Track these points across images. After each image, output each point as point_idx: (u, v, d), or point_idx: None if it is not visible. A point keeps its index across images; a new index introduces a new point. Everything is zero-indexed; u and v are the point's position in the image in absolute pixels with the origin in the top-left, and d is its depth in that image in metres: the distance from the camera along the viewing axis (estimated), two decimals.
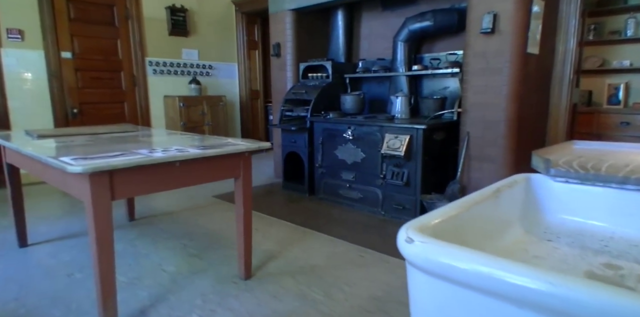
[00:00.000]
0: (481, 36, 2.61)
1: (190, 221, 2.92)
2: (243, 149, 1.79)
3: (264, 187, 4.00)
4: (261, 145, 1.85)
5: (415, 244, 0.67)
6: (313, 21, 4.01)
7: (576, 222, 1.17)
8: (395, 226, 2.91)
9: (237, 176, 1.88)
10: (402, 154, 2.78)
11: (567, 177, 1.17)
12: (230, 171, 1.84)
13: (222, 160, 1.76)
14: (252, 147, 1.81)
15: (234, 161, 1.83)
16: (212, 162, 1.73)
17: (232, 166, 1.83)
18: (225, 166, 1.80)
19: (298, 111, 3.67)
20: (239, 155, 1.82)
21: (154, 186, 1.58)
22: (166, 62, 4.73)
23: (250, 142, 1.91)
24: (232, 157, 1.80)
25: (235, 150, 1.75)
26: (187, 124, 4.60)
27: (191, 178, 1.69)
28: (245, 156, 1.86)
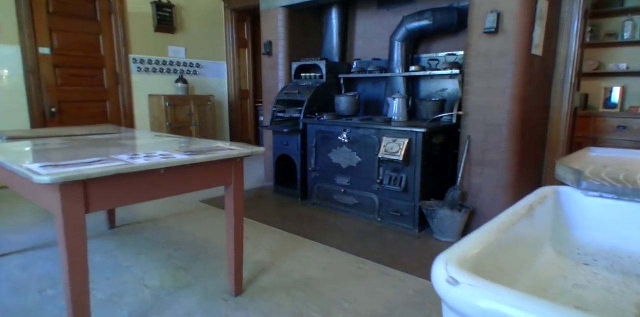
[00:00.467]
0: (484, 36, 2.50)
1: (176, 228, 2.74)
2: (235, 155, 1.63)
3: (254, 191, 3.84)
4: (255, 151, 1.69)
5: (462, 288, 0.53)
6: (306, 19, 3.86)
7: (612, 242, 1.04)
8: (393, 233, 2.82)
9: (228, 184, 1.72)
10: (400, 158, 2.65)
11: (601, 192, 1.05)
12: (221, 179, 1.68)
13: (211, 167, 1.60)
14: (244, 153, 1.66)
15: (225, 168, 1.67)
16: (200, 169, 1.56)
17: (223, 172, 1.67)
18: (215, 172, 1.64)
19: (290, 112, 3.51)
20: (230, 161, 1.67)
21: (136, 196, 1.41)
22: (151, 60, 4.52)
23: (243, 147, 1.75)
24: (223, 163, 1.64)
25: (226, 156, 1.59)
26: (173, 125, 4.40)
27: (177, 187, 1.53)
28: (237, 162, 1.71)
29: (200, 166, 1.54)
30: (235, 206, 1.75)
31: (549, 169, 3.06)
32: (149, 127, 4.56)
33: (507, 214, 0.86)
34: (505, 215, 0.86)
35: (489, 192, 2.62)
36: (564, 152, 3.00)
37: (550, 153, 3.04)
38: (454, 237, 2.59)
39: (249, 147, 1.77)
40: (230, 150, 1.65)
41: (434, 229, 2.65)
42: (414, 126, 2.67)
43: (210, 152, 1.60)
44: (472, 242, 0.69)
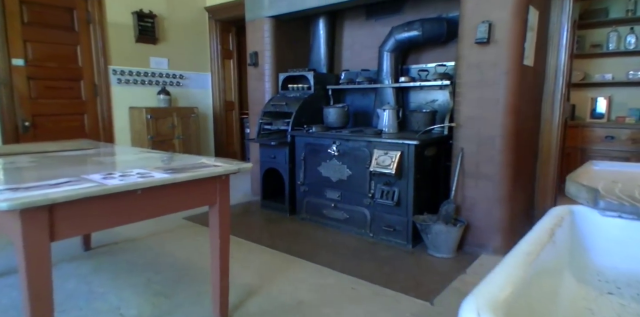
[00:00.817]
0: (475, 46, 2.46)
1: (156, 248, 2.58)
2: (220, 172, 1.51)
3: (240, 206, 3.69)
4: (241, 167, 1.58)
5: None
6: (293, 30, 3.80)
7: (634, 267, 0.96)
8: (386, 250, 2.70)
9: (213, 203, 1.60)
10: (392, 171, 2.57)
11: (620, 211, 0.97)
12: (204, 198, 1.56)
13: (194, 185, 1.48)
14: (230, 170, 1.54)
15: (209, 186, 1.55)
16: (182, 188, 1.44)
17: (207, 191, 1.55)
18: (198, 191, 1.52)
19: (278, 124, 3.41)
20: (214, 179, 1.54)
21: (110, 220, 1.28)
22: (132, 71, 4.37)
23: (228, 163, 1.63)
24: (207, 181, 1.52)
25: (210, 173, 1.47)
26: (155, 138, 4.24)
27: (157, 208, 1.39)
28: (222, 180, 1.59)
29: (182, 185, 1.42)
30: (220, 227, 1.62)
31: (541, 181, 3.01)
32: (130, 141, 4.38)
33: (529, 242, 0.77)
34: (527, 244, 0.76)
35: (484, 206, 2.55)
36: (555, 163, 2.97)
37: (542, 164, 3.00)
38: (449, 252, 2.50)
39: (234, 162, 1.66)
40: (215, 167, 1.53)
41: (428, 245, 2.55)
42: (406, 138, 2.60)
43: (193, 169, 1.48)
44: (501, 280, 0.59)
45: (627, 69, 3.79)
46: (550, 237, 0.81)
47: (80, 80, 4.07)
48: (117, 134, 4.30)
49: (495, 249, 2.53)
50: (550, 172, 2.98)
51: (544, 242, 0.77)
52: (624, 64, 3.83)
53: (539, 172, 3.02)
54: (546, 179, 3.00)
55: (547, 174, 2.99)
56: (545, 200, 3.01)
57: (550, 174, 2.98)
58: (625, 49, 3.75)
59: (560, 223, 0.93)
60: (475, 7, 2.43)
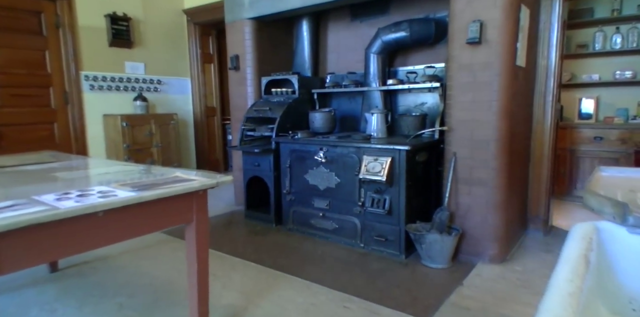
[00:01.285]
0: (467, 47, 2.35)
1: (131, 267, 2.38)
2: (196, 188, 1.35)
3: (223, 216, 3.51)
4: (220, 181, 1.41)
5: None
6: (275, 32, 3.65)
7: None
8: (378, 261, 2.55)
9: (189, 221, 1.43)
10: (383, 179, 2.43)
11: None
12: (179, 216, 1.39)
13: (166, 203, 1.31)
14: (207, 184, 1.38)
15: (184, 203, 1.38)
16: (152, 208, 1.27)
17: (181, 209, 1.38)
18: (171, 210, 1.35)
19: (261, 130, 3.25)
20: (190, 195, 1.38)
21: (65, 249, 1.10)
22: (106, 77, 4.15)
23: (206, 176, 1.47)
24: (181, 198, 1.35)
25: (184, 190, 1.31)
26: (131, 147, 4.02)
27: (123, 231, 1.22)
28: (199, 195, 1.42)
29: (152, 204, 1.25)
30: (198, 248, 1.45)
31: (534, 185, 2.93)
32: (104, 150, 4.15)
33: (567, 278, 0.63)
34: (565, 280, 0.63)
35: (478, 213, 2.43)
36: (548, 166, 2.89)
37: (535, 167, 2.92)
38: (444, 262, 2.38)
39: (213, 175, 1.50)
40: (190, 182, 1.36)
41: (422, 255, 2.43)
42: (396, 143, 2.47)
43: (164, 185, 1.31)
44: None
45: (613, 69, 3.76)
46: (587, 267, 0.68)
47: (50, 87, 3.83)
48: (91, 143, 4.07)
49: (491, 258, 2.42)
50: (543, 175, 2.90)
51: (582, 274, 0.64)
52: (611, 64, 3.80)
53: (532, 175, 2.94)
54: (539, 182, 2.91)
55: (540, 178, 2.90)
56: (539, 204, 2.93)
57: (543, 178, 2.90)
58: (611, 48, 3.73)
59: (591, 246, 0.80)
60: (465, 6, 2.33)
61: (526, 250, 2.63)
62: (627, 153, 3.51)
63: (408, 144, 2.43)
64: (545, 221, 2.93)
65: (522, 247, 2.68)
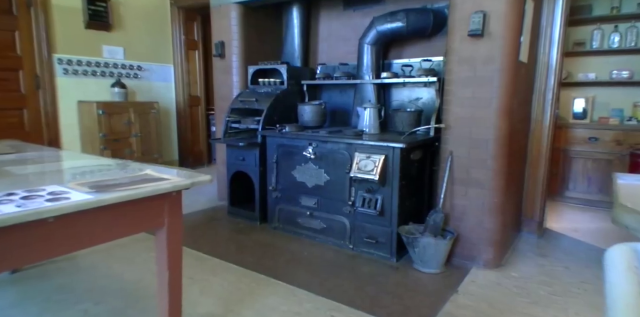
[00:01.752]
0: (468, 39, 2.21)
1: (101, 268, 2.20)
2: (167, 189, 1.17)
3: (204, 212, 3.33)
4: (196, 181, 1.24)
5: None
6: (263, 18, 3.45)
7: None
8: (368, 264, 2.37)
9: (159, 226, 1.26)
10: (376, 178, 2.29)
11: None
12: (148, 221, 1.22)
13: (133, 206, 1.13)
14: (180, 185, 1.20)
15: (154, 206, 1.21)
16: (115, 212, 1.09)
17: (150, 212, 1.21)
18: (139, 214, 1.17)
19: (247, 123, 3.06)
20: (161, 197, 1.20)
21: (6, 261, 0.92)
22: (81, 61, 3.89)
23: (181, 175, 1.30)
24: (150, 200, 1.18)
25: (153, 191, 1.13)
26: (108, 136, 3.78)
27: (77, 240, 1.05)
28: (173, 196, 1.25)
29: (114, 208, 1.07)
30: (169, 256, 1.28)
31: (530, 186, 2.83)
32: (78, 139, 3.90)
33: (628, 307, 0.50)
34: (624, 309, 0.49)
35: (474, 215, 2.32)
36: (545, 166, 2.79)
37: (531, 168, 2.82)
38: (437, 267, 2.26)
39: (190, 174, 1.32)
40: (161, 182, 1.19)
41: (415, 259, 2.30)
42: (390, 140, 2.33)
43: (131, 185, 1.14)
44: None
45: (610, 68, 3.68)
46: None
47: (19, 71, 3.56)
48: (64, 131, 3.82)
49: (486, 263, 2.32)
50: (539, 176, 2.80)
51: None
52: (607, 63, 3.72)
53: (528, 176, 2.84)
54: (535, 184, 2.82)
55: (536, 179, 2.81)
56: (534, 206, 2.84)
57: (539, 179, 2.80)
58: (608, 47, 3.64)
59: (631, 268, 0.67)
60: None
61: (521, 254, 2.53)
62: (622, 155, 3.45)
63: (403, 141, 2.28)
64: (540, 224, 2.84)
65: (516, 251, 2.58)
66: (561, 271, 2.30)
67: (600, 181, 3.58)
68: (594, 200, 3.63)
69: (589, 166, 3.63)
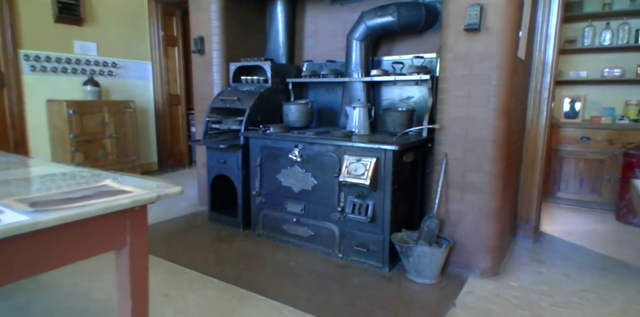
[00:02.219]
0: (463, 34, 2.07)
1: (65, 285, 1.99)
2: (126, 205, 0.99)
3: (183, 219, 3.13)
4: (163, 194, 1.06)
5: None
6: (246, 12, 3.26)
7: None
8: (359, 275, 2.17)
9: (120, 246, 1.08)
10: (367, 182, 2.14)
11: None
12: (104, 241, 1.03)
13: (84, 226, 0.95)
14: (142, 200, 1.02)
15: (112, 224, 1.03)
16: (60, 233, 0.91)
17: (108, 232, 1.03)
18: (92, 234, 0.99)
19: (228, 123, 2.88)
20: (121, 213, 1.02)
21: None
22: (50, 57, 3.63)
23: (147, 187, 1.11)
24: (107, 218, 0.99)
25: (108, 208, 0.95)
26: (79, 137, 3.54)
27: (14, 269, 0.86)
28: (136, 212, 1.07)
29: (59, 229, 0.89)
30: (132, 282, 1.10)
31: (526, 188, 2.72)
32: (48, 141, 3.65)
33: None
34: None
35: (470, 221, 2.19)
36: (541, 168, 2.68)
37: (527, 170, 2.71)
38: (433, 277, 2.12)
39: (158, 183, 1.14)
40: (120, 196, 1.01)
41: (409, 268, 2.16)
42: (382, 142, 2.17)
43: (83, 200, 0.95)
44: None
45: (601, 66, 3.61)
46: None
47: None
48: (32, 132, 3.57)
49: (483, 271, 2.19)
50: (535, 178, 2.69)
51: None
52: (599, 61, 3.65)
53: (523, 178, 2.73)
54: (530, 186, 2.71)
55: (532, 181, 2.70)
56: (530, 210, 2.73)
57: (535, 181, 2.69)
58: (600, 45, 3.57)
59: None
60: None
61: (518, 261, 2.42)
62: (614, 154, 3.38)
63: (395, 143, 2.14)
64: (535, 228, 2.73)
65: (513, 257, 2.47)
66: (561, 278, 2.19)
67: (593, 181, 3.51)
68: (586, 201, 3.56)
69: (580, 166, 3.56)
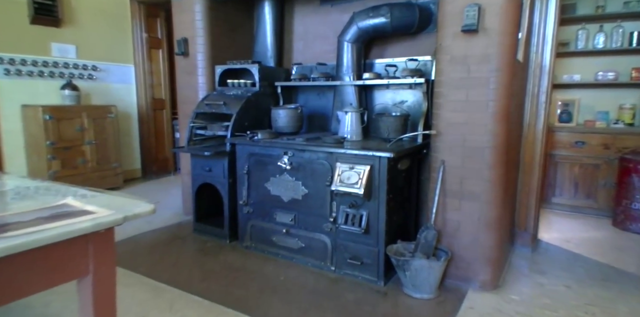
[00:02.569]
0: (461, 36, 1.98)
1: (37, 307, 1.82)
2: (86, 229, 0.85)
3: (167, 229, 2.97)
4: (131, 215, 0.93)
5: None
6: (232, 13, 3.13)
7: None
8: (353, 290, 2.03)
9: (82, 275, 0.94)
10: (360, 192, 2.02)
11: None
12: (63, 270, 0.89)
13: (35, 255, 0.81)
14: (106, 223, 0.89)
15: (72, 250, 0.89)
16: (7, 264, 0.77)
17: (67, 259, 0.89)
18: (47, 263, 0.85)
19: (214, 129, 2.74)
20: (83, 238, 0.88)
21: None
22: (26, 60, 3.45)
23: (114, 205, 0.98)
24: (65, 244, 0.85)
25: (64, 234, 0.81)
26: (57, 144, 3.36)
27: None
28: (101, 234, 0.93)
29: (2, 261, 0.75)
30: (96, 314, 0.95)
31: (523, 195, 2.63)
32: (23, 148, 3.46)
33: None
34: None
35: (469, 231, 2.08)
36: (539, 174, 2.60)
37: (525, 176, 2.62)
38: (431, 291, 2.00)
39: (128, 201, 1.01)
40: (80, 218, 0.87)
41: (405, 283, 2.04)
42: (376, 149, 2.06)
43: (35, 224, 0.81)
44: None
45: (595, 69, 3.56)
46: None
47: None
48: (6, 139, 3.37)
49: (482, 284, 2.08)
50: (533, 184, 2.60)
51: None
52: (592, 64, 3.60)
53: (521, 185, 2.64)
54: (528, 193, 2.62)
55: (530, 187, 2.61)
56: (528, 218, 2.64)
57: (533, 188, 2.61)
58: (593, 48, 3.52)
59: None
60: None
61: (517, 271, 2.32)
62: (609, 159, 3.32)
63: (390, 150, 2.02)
64: (533, 236, 2.65)
65: (512, 268, 2.37)
66: (563, 291, 2.10)
67: (588, 186, 3.45)
68: (581, 206, 3.49)
69: (575, 171, 3.50)
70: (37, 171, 3.41)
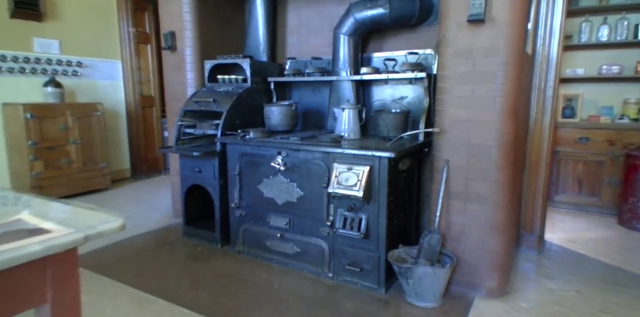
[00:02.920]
0: (466, 27, 1.84)
1: None
2: (36, 254, 0.71)
3: (155, 233, 2.83)
4: (94, 233, 0.79)
5: None
6: (223, 5, 2.97)
7: None
8: (352, 298, 1.90)
9: (38, 303, 0.80)
10: (359, 194, 1.89)
11: None
12: (14, 301, 0.75)
13: None
14: (62, 244, 0.75)
15: (22, 277, 0.75)
16: None
17: (16, 287, 0.75)
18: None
19: (203, 127, 2.60)
20: (37, 261, 0.74)
21: None
22: (6, 56, 3.28)
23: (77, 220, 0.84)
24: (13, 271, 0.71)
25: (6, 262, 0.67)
26: (39, 144, 3.20)
27: None
28: (60, 256, 0.79)
29: None
30: None
31: (529, 195, 2.51)
32: (4, 149, 3.29)
33: None
34: None
35: (475, 235, 1.96)
36: (546, 173, 2.48)
37: (531, 175, 2.50)
38: (435, 300, 1.89)
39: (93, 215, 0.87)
40: (33, 239, 0.73)
41: (408, 291, 1.92)
42: (375, 148, 1.93)
43: None
44: None
45: (599, 63, 3.45)
46: None
47: None
48: None
49: (489, 291, 1.96)
50: (540, 184, 2.49)
51: None
52: (596, 57, 3.48)
53: (526, 184, 2.52)
54: (534, 193, 2.51)
55: (536, 187, 2.50)
56: (534, 219, 2.52)
57: (539, 187, 2.49)
58: (597, 41, 3.41)
59: None
60: None
61: (524, 276, 2.21)
62: (615, 156, 3.22)
63: (391, 149, 1.89)
64: (540, 238, 2.53)
65: (519, 272, 2.26)
66: (573, 296, 1.99)
67: (592, 184, 3.35)
68: (585, 204, 3.39)
69: (579, 168, 3.39)
70: (19, 173, 3.25)
